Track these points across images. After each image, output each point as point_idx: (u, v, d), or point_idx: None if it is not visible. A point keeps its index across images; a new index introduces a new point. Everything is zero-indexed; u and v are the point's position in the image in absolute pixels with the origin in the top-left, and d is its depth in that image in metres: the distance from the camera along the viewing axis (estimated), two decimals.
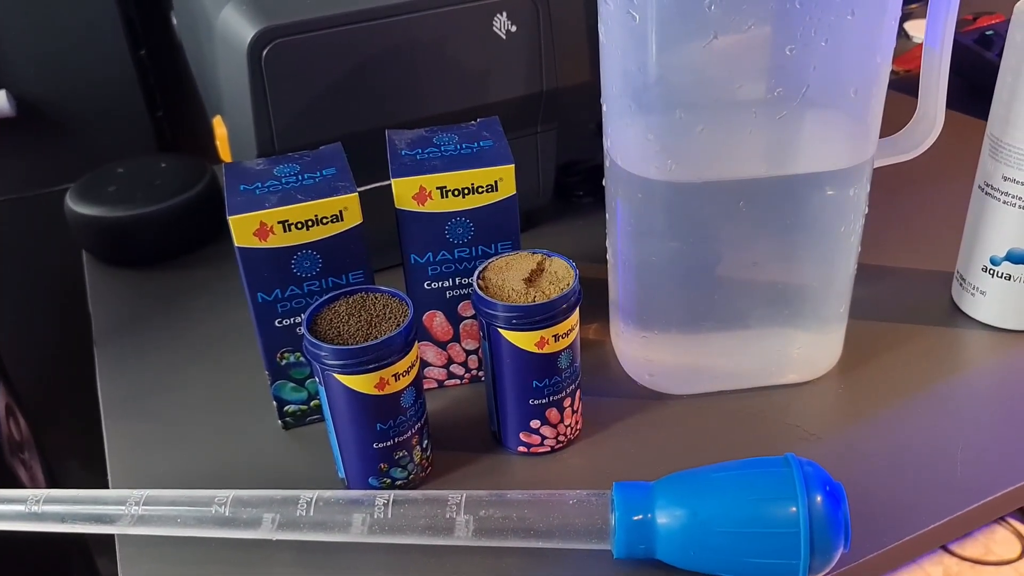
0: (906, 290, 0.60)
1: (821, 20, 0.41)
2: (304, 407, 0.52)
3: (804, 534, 0.39)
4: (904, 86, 0.90)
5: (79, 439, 0.68)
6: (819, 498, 0.39)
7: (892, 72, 0.89)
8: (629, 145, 0.47)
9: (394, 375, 0.43)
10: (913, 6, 1.05)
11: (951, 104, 0.52)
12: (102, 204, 0.68)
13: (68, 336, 0.84)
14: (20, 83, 0.77)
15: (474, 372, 0.55)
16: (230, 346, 0.60)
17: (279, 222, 0.45)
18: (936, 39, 0.48)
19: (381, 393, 0.44)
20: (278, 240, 0.46)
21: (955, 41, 0.49)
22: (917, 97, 0.51)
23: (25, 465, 0.73)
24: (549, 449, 0.49)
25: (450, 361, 0.54)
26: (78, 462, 0.84)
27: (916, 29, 1.00)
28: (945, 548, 0.48)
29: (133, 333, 0.62)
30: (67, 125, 0.80)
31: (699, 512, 0.40)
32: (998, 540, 0.51)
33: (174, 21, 0.74)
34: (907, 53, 0.94)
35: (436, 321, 0.52)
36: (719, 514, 0.40)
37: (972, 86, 0.78)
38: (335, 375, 0.43)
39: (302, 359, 0.50)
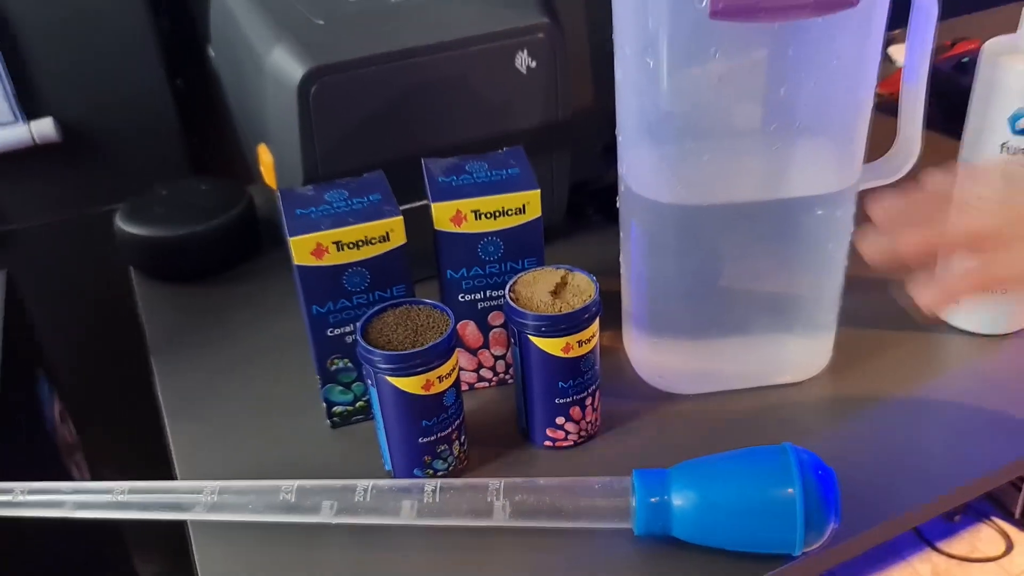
0: (890, 300, 0.66)
1: (810, 65, 0.47)
2: (350, 408, 0.58)
3: (800, 512, 0.45)
4: (888, 108, 0.96)
5: (119, 444, 0.74)
6: (813, 481, 0.45)
7: (876, 95, 0.96)
8: (643, 172, 0.53)
9: (438, 377, 0.49)
10: (895, 32, 1.11)
11: (930, 126, 0.58)
12: (150, 224, 0.74)
13: (111, 347, 0.90)
14: (65, 110, 0.83)
15: (501, 376, 0.60)
16: (275, 354, 0.65)
17: (333, 242, 0.51)
18: (913, 76, 0.54)
19: (427, 393, 0.49)
20: (332, 258, 0.52)
21: (933, 67, 0.55)
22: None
23: (78, 467, 0.78)
24: (572, 443, 0.55)
25: (480, 366, 0.60)
26: (116, 465, 0.89)
27: (899, 53, 1.07)
28: (933, 547, 0.53)
29: (184, 343, 0.67)
30: (108, 149, 0.86)
31: (709, 494, 0.46)
32: (983, 538, 0.56)
33: (211, 53, 0.80)
34: (890, 77, 1.00)
35: (468, 330, 0.58)
36: (727, 496, 0.46)
37: (949, 109, 0.84)
38: (387, 377, 0.49)
39: (349, 365, 0.56)
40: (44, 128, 0.82)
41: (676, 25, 0.46)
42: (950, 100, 0.86)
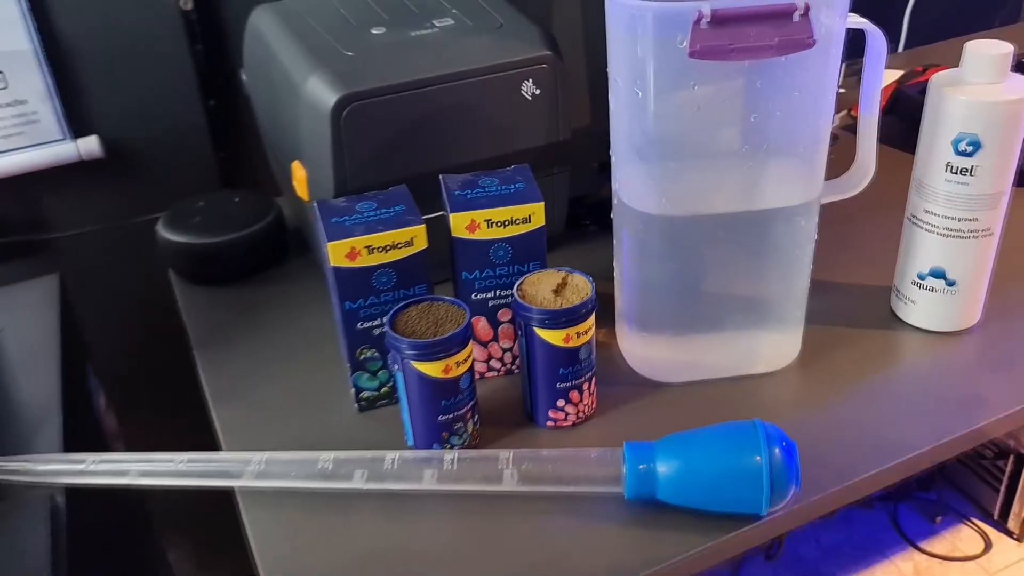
0: (853, 301, 0.74)
1: (776, 96, 0.56)
2: (376, 393, 0.65)
3: (766, 477, 0.52)
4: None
5: (156, 435, 0.81)
6: (777, 451, 0.53)
7: (850, 117, 1.06)
8: (633, 187, 0.61)
9: (456, 363, 0.57)
10: None
11: (897, 143, 0.66)
12: (189, 232, 0.82)
13: (150, 344, 0.98)
14: (108, 129, 0.91)
15: (508, 366, 0.68)
16: (303, 347, 0.73)
17: (365, 247, 0.59)
18: (867, 107, 0.63)
19: (446, 377, 0.57)
20: (363, 260, 0.59)
21: (903, 92, 0.63)
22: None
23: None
24: (572, 423, 0.63)
25: (490, 357, 0.67)
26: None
27: None
28: (915, 546, 0.61)
29: (223, 337, 0.75)
30: (146, 164, 0.94)
31: (689, 462, 0.54)
32: (964, 538, 0.64)
33: (243, 77, 0.88)
34: None
35: (480, 325, 0.66)
36: (704, 463, 0.54)
37: (915, 129, 0.93)
38: (412, 363, 0.56)
39: (376, 354, 0.63)
40: (89, 145, 0.89)
41: (661, 61, 0.54)
42: (915, 122, 0.95)
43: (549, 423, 0.63)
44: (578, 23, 0.79)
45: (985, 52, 0.61)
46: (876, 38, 0.59)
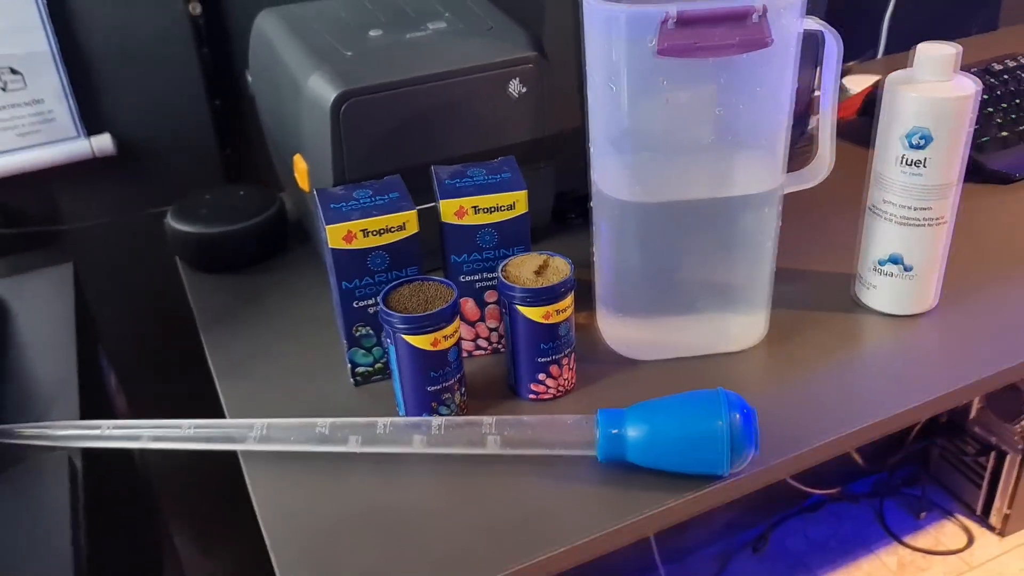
0: (820, 287, 0.78)
1: (739, 92, 0.61)
2: (370, 368, 0.70)
3: (726, 439, 0.57)
4: (839, 130, 1.10)
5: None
6: (737, 416, 0.58)
7: None
8: (609, 176, 0.66)
9: (444, 336, 0.62)
10: (850, 64, 1.25)
11: (864, 141, 0.70)
12: (196, 223, 0.86)
13: (159, 327, 1.03)
14: (120, 127, 0.96)
15: (495, 345, 0.73)
16: (303, 329, 0.78)
17: (361, 230, 0.64)
18: (826, 104, 0.68)
19: (435, 349, 0.62)
20: (359, 243, 0.64)
21: (877, 95, 0.68)
22: (846, 140, 0.70)
23: None
24: (552, 396, 0.68)
25: (477, 336, 0.72)
26: None
27: (851, 83, 1.20)
28: (899, 540, 0.65)
29: (228, 320, 0.80)
30: (155, 160, 0.99)
31: (656, 426, 0.59)
32: (947, 533, 0.68)
33: (248, 79, 0.93)
34: (842, 103, 1.14)
35: (468, 305, 0.70)
36: (670, 427, 0.58)
37: None
38: (403, 336, 0.61)
39: (371, 332, 0.68)
40: (102, 142, 0.95)
41: (633, 59, 0.59)
42: None
43: (531, 396, 0.68)
44: (569, 29, 0.84)
45: (934, 53, 0.66)
46: (833, 40, 0.64)
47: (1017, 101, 0.99)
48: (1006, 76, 1.03)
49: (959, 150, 0.67)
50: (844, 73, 1.24)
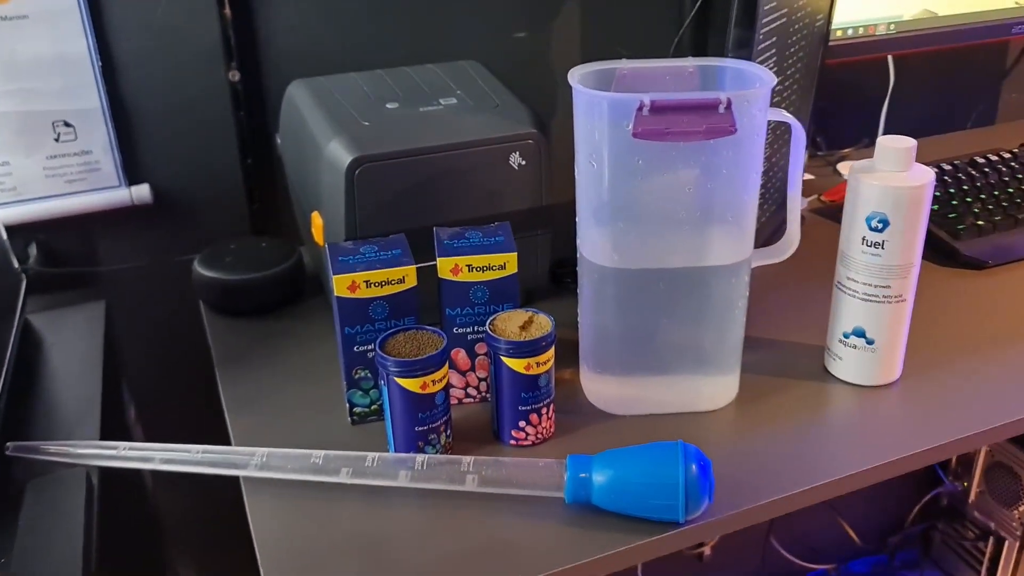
0: (792, 356, 0.84)
1: (707, 172, 0.67)
2: (367, 409, 0.76)
3: (681, 488, 0.62)
4: (830, 213, 1.16)
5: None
6: (694, 466, 0.63)
7: (819, 201, 1.18)
8: (590, 243, 0.72)
9: (432, 380, 0.68)
10: (845, 150, 1.32)
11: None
12: (220, 270, 0.94)
13: (180, 366, 1.09)
14: (158, 179, 1.05)
15: (483, 394, 0.79)
16: (310, 370, 0.84)
17: (364, 281, 0.71)
18: (793, 187, 0.74)
19: (424, 392, 0.68)
20: (362, 293, 0.71)
21: None
22: (837, 222, 0.76)
23: None
24: (532, 443, 0.73)
25: (467, 384, 0.78)
26: None
27: (845, 169, 1.27)
28: None
29: (243, 360, 0.87)
30: (188, 211, 1.07)
31: (620, 472, 0.64)
32: None
33: (278, 140, 1.02)
34: (834, 188, 1.20)
35: (460, 355, 0.77)
36: (632, 474, 0.64)
37: None
38: (395, 378, 0.67)
39: (369, 375, 0.74)
40: (141, 192, 1.03)
41: (612, 141, 0.66)
42: None
43: (512, 441, 0.73)
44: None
45: (893, 146, 0.72)
46: (798, 130, 0.71)
47: (996, 193, 1.05)
48: (988, 169, 1.09)
49: (916, 234, 0.73)
50: (840, 159, 1.31)
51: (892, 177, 0.72)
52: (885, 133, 1.36)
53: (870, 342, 0.77)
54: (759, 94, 0.66)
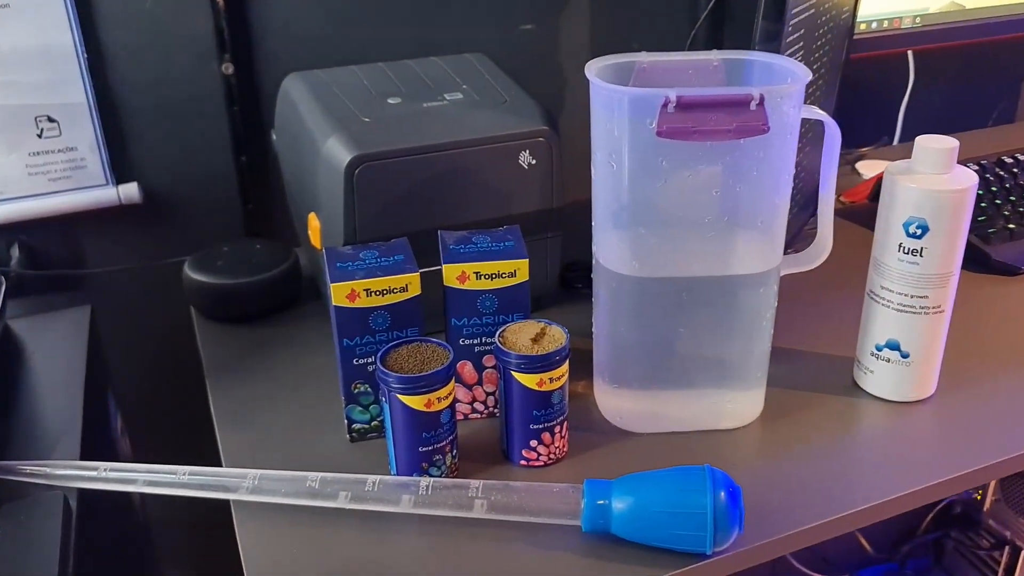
0: (819, 368, 0.79)
1: (735, 174, 0.62)
2: (367, 425, 0.71)
3: (710, 517, 0.57)
4: (850, 214, 1.11)
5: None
6: (723, 494, 0.58)
7: (839, 203, 1.13)
8: (608, 249, 0.67)
9: (437, 398, 0.63)
10: (864, 149, 1.27)
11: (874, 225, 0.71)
12: (212, 274, 0.89)
13: (168, 374, 1.04)
14: (148, 177, 0.99)
15: (491, 409, 0.74)
16: (306, 382, 0.79)
17: (364, 290, 0.66)
18: (826, 189, 0.69)
19: (428, 410, 0.63)
20: (362, 302, 0.66)
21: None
22: (858, 223, 0.71)
23: None
24: (543, 464, 0.68)
25: (474, 399, 0.73)
26: None
27: (864, 168, 1.22)
28: None
29: (234, 370, 0.82)
30: (179, 211, 1.02)
31: (641, 500, 0.59)
32: None
33: (273, 138, 0.96)
34: (854, 188, 1.15)
35: (466, 368, 0.72)
36: (655, 501, 0.59)
37: None
38: (397, 395, 0.62)
39: (369, 389, 0.69)
40: (129, 191, 0.98)
41: (633, 139, 0.61)
42: None
43: (522, 462, 0.68)
44: (585, 106, 0.87)
45: (933, 146, 0.67)
46: (832, 128, 0.66)
47: None
48: (1016, 169, 1.04)
49: (957, 241, 0.68)
50: (859, 158, 1.26)
51: (932, 180, 0.67)
52: (904, 131, 1.31)
53: (905, 355, 0.72)
54: (793, 90, 0.61)
